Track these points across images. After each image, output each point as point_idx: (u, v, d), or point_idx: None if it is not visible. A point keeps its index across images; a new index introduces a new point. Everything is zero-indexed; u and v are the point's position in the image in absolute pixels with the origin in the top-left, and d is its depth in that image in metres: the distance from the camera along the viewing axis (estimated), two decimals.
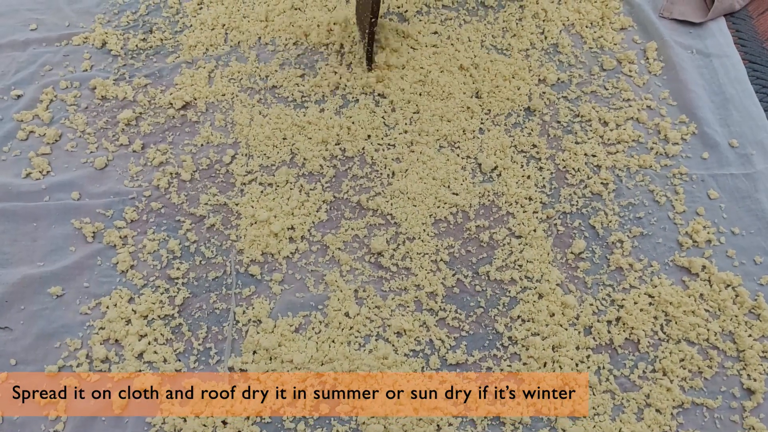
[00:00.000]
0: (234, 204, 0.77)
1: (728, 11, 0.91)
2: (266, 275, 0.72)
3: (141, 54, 0.89)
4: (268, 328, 0.68)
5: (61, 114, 0.83)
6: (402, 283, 0.72)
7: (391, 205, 0.76)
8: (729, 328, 0.69)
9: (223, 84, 0.86)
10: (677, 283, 0.72)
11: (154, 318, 0.69)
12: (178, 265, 0.72)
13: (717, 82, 0.86)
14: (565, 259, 0.73)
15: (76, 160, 0.79)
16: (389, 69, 0.85)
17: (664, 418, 0.64)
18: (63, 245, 0.73)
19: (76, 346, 0.67)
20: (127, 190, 0.77)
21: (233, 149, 0.81)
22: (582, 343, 0.68)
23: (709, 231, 0.75)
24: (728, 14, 0.93)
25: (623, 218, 0.76)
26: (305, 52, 0.90)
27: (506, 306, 0.70)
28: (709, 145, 0.81)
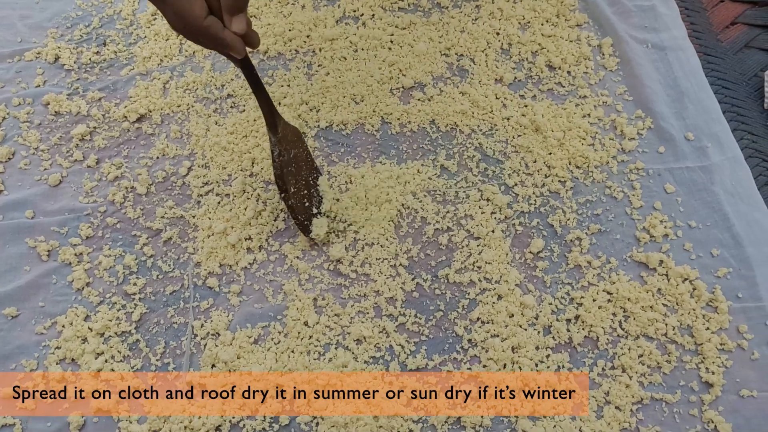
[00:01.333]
0: (191, 216, 0.76)
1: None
2: (224, 287, 0.72)
3: (95, 67, 0.88)
4: (227, 340, 0.68)
5: (14, 131, 0.82)
6: (361, 290, 0.71)
7: (349, 211, 0.76)
8: (687, 321, 0.69)
9: (179, 95, 0.86)
10: (635, 278, 0.72)
11: (110, 335, 0.68)
12: (135, 280, 0.72)
13: (672, 75, 0.86)
14: (523, 259, 0.74)
15: (30, 177, 0.78)
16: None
17: (624, 415, 0.64)
18: (17, 265, 0.72)
19: (31, 367, 0.66)
20: (82, 207, 0.76)
21: (189, 160, 0.80)
22: (541, 342, 0.68)
23: (666, 225, 0.75)
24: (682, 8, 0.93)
25: (581, 216, 0.76)
26: (262, 59, 0.90)
27: (465, 308, 0.70)
28: (665, 139, 0.81)
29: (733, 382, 0.66)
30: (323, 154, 0.81)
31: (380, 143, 0.82)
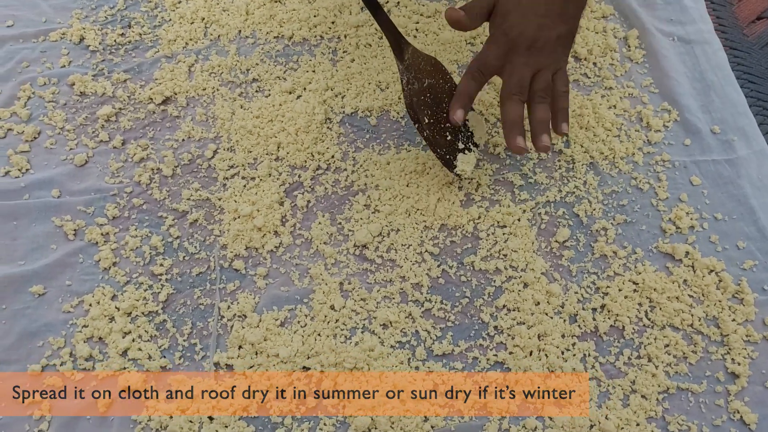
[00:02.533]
0: (217, 199, 0.76)
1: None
2: (250, 270, 0.72)
3: (120, 49, 0.88)
4: (254, 322, 0.68)
5: (40, 111, 0.82)
6: (387, 275, 0.71)
7: (376, 198, 0.76)
8: (713, 313, 0.69)
9: (204, 78, 0.86)
10: (661, 269, 0.72)
11: (137, 315, 0.68)
12: (162, 261, 0.72)
13: (698, 68, 0.86)
14: (549, 248, 0.74)
15: (56, 157, 0.78)
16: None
17: (650, 404, 0.64)
18: (44, 243, 0.72)
19: (59, 345, 0.66)
20: (108, 187, 0.76)
21: (215, 144, 0.80)
22: (567, 331, 0.68)
23: (692, 217, 0.75)
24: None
25: (607, 206, 0.76)
26: (287, 45, 0.89)
27: (491, 296, 0.70)
28: (691, 132, 0.81)
29: (759, 373, 0.66)
30: (348, 140, 0.81)
31: (405, 130, 0.82)
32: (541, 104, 0.68)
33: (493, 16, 0.70)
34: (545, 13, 0.68)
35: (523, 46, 0.67)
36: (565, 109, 0.70)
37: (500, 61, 0.69)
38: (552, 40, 0.68)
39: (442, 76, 0.74)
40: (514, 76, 0.68)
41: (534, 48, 0.67)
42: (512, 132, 0.68)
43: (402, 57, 0.71)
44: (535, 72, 0.68)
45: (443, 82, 0.74)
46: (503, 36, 0.68)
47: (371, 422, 0.62)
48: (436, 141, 0.72)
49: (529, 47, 0.67)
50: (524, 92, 0.68)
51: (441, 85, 0.74)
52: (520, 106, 0.68)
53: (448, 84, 0.74)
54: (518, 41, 0.67)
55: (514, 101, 0.68)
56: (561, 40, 0.69)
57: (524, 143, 0.68)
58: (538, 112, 0.68)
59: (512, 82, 0.68)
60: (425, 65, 0.73)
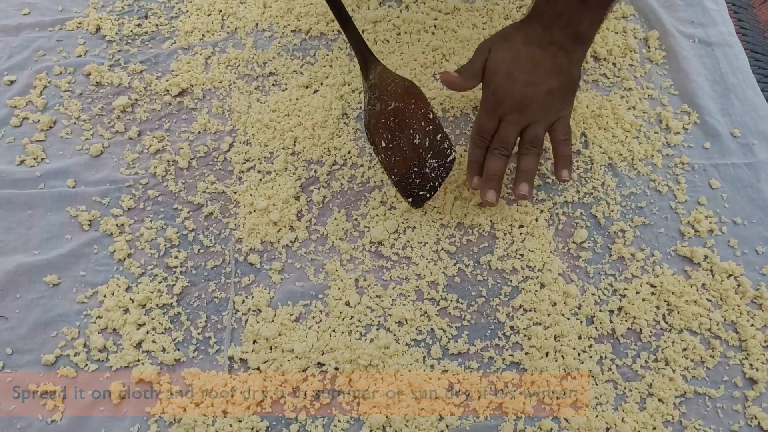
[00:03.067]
0: (232, 192, 0.76)
1: None
2: (266, 264, 0.71)
3: (136, 40, 0.88)
4: (268, 317, 0.67)
5: (55, 100, 0.81)
6: (403, 273, 0.71)
7: (392, 195, 0.75)
8: (731, 317, 0.69)
9: (220, 71, 0.85)
10: (679, 272, 0.72)
11: (152, 307, 0.68)
12: (176, 253, 0.71)
13: (719, 71, 0.86)
14: (567, 249, 0.73)
15: (71, 147, 0.78)
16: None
17: (667, 408, 0.64)
18: (58, 233, 0.72)
19: (73, 335, 0.66)
20: (124, 178, 0.76)
21: (231, 137, 0.80)
22: (584, 332, 0.68)
23: (711, 221, 0.75)
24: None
25: (625, 208, 0.76)
26: (304, 39, 0.89)
27: (508, 296, 0.70)
28: (710, 135, 0.81)
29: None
30: (365, 136, 0.80)
31: None
32: (526, 155, 0.70)
33: (485, 76, 0.72)
34: (531, 70, 0.70)
35: (508, 105, 0.70)
36: (566, 156, 0.71)
37: (494, 123, 0.71)
38: (540, 96, 0.70)
39: (415, 101, 0.71)
40: (500, 133, 0.71)
41: (522, 105, 0.70)
42: (485, 185, 0.70)
43: (367, 75, 0.69)
44: (525, 127, 0.71)
45: (414, 107, 0.71)
46: (492, 96, 0.71)
47: (386, 420, 0.62)
48: (392, 165, 0.71)
49: (515, 106, 0.70)
50: (507, 147, 0.70)
51: (411, 110, 0.71)
52: (499, 160, 0.70)
53: (422, 110, 0.71)
54: (504, 102, 0.70)
55: (495, 155, 0.70)
56: (553, 94, 0.70)
57: (494, 197, 0.69)
58: (522, 162, 0.70)
59: (497, 138, 0.71)
60: (395, 87, 0.70)
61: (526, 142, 0.71)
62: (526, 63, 0.70)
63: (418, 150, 0.71)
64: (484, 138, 0.71)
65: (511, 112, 0.70)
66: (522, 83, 0.69)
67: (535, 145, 0.70)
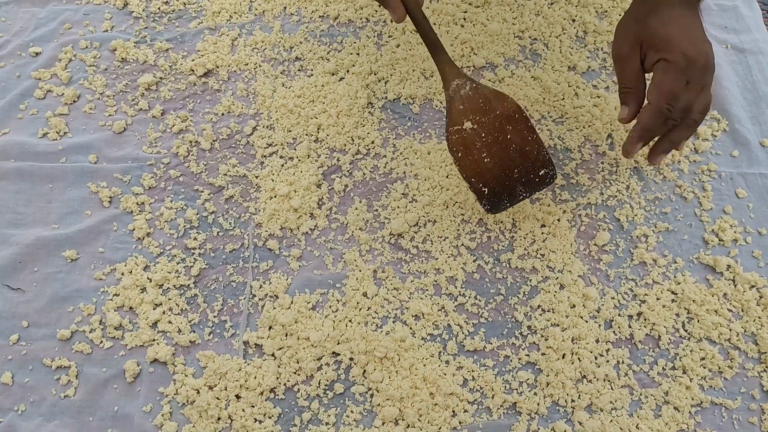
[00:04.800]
0: (254, 176, 0.75)
1: None
2: (284, 250, 0.71)
3: (163, 17, 0.87)
4: (285, 303, 0.67)
5: (80, 74, 0.81)
6: (421, 266, 0.70)
7: (414, 188, 0.75)
8: (752, 329, 0.68)
9: (246, 53, 0.84)
10: (701, 281, 0.71)
11: (169, 287, 0.68)
12: (195, 235, 0.71)
13: (750, 79, 0.84)
14: (588, 251, 0.72)
15: (95, 122, 0.78)
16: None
17: (682, 416, 0.63)
18: (78, 209, 0.72)
19: (89, 312, 0.66)
20: (146, 156, 0.75)
21: (254, 120, 0.79)
22: (602, 336, 0.67)
23: (735, 230, 0.74)
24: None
25: (649, 212, 0.75)
26: (332, 25, 0.88)
27: (526, 295, 0.69)
28: (739, 143, 0.80)
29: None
30: (389, 126, 0.80)
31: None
32: (690, 128, 0.65)
33: (648, 49, 0.65)
34: (699, 28, 0.65)
35: (700, 65, 0.63)
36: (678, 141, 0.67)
37: (683, 87, 0.63)
38: (712, 56, 0.64)
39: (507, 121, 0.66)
40: (689, 99, 0.64)
41: (709, 66, 0.64)
42: (658, 157, 0.68)
43: (446, 89, 0.68)
44: (700, 90, 0.64)
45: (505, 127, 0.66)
46: (682, 59, 0.62)
47: (399, 414, 0.62)
48: (475, 175, 0.66)
49: (704, 67, 0.63)
50: (686, 116, 0.64)
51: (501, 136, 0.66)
52: (690, 130, 0.65)
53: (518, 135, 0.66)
54: (697, 61, 0.63)
55: (690, 126, 0.65)
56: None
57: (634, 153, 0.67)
58: (676, 132, 0.66)
59: (684, 107, 0.64)
60: (480, 102, 0.67)
61: (696, 111, 0.64)
62: (687, 21, 0.64)
63: (511, 173, 0.67)
64: (673, 106, 0.63)
65: (701, 76, 0.63)
66: (702, 41, 0.64)
67: (704, 115, 0.65)
